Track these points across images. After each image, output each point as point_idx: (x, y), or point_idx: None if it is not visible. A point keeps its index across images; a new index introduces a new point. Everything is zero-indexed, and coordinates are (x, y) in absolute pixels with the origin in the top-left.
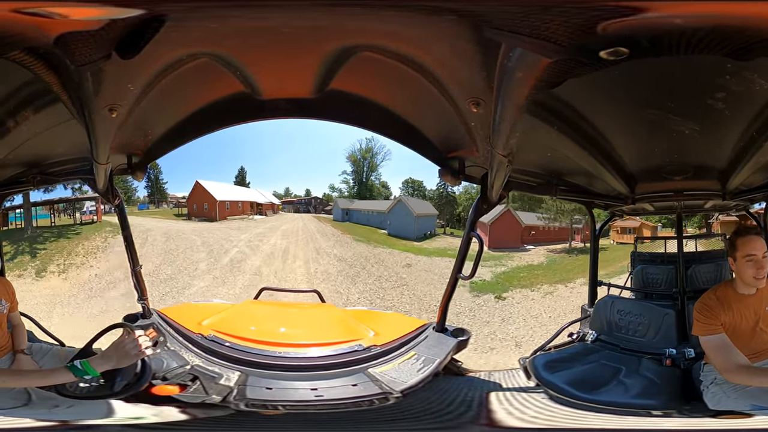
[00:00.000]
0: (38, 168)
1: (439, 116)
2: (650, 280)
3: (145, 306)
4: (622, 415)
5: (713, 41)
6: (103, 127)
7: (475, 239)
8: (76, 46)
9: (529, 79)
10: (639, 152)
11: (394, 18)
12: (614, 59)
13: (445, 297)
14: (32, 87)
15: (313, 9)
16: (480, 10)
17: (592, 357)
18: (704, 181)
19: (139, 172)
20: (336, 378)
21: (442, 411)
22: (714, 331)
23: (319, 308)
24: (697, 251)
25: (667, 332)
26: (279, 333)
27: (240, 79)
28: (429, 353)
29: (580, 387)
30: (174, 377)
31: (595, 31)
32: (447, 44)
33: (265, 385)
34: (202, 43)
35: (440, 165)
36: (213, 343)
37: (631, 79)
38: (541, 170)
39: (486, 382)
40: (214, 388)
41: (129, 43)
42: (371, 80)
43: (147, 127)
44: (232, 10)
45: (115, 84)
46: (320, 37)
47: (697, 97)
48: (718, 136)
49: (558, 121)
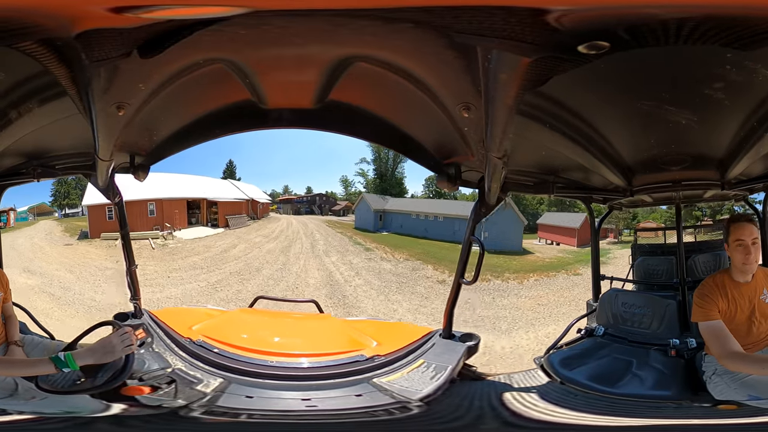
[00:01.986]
0: (39, 160)
1: (433, 123)
2: (651, 271)
3: (136, 306)
4: (641, 407)
5: (709, 31)
6: (108, 124)
7: (476, 243)
8: (97, 42)
9: (513, 80)
10: (635, 144)
11: (379, 29)
12: (596, 53)
13: (449, 303)
14: (39, 79)
15: (312, 19)
16: (438, 21)
17: (603, 351)
18: (703, 171)
19: (141, 172)
20: (335, 389)
21: (465, 416)
22: (711, 317)
23: (317, 318)
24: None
25: (670, 322)
26: (272, 342)
27: (248, 87)
28: (439, 360)
29: (601, 382)
30: (150, 378)
31: (553, 26)
32: (430, 52)
33: (246, 393)
34: (222, 49)
35: (437, 172)
36: (200, 348)
37: (621, 72)
38: (537, 169)
39: (506, 384)
40: (186, 393)
41: (154, 43)
42: (367, 91)
43: (153, 127)
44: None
45: (127, 82)
46: (319, 49)
47: (694, 87)
48: (717, 125)
49: (550, 119)
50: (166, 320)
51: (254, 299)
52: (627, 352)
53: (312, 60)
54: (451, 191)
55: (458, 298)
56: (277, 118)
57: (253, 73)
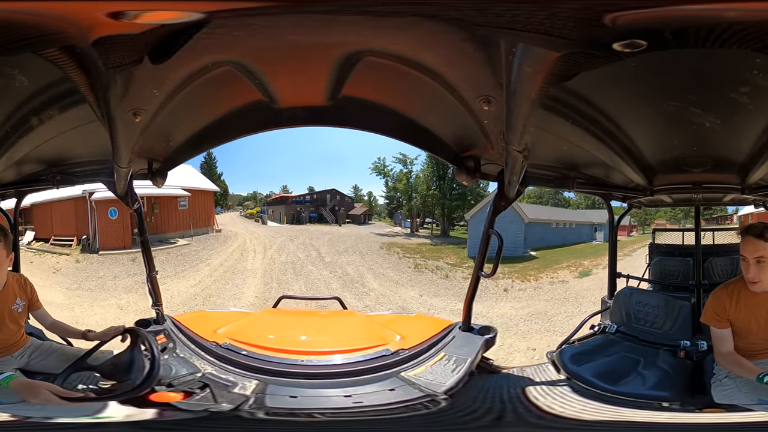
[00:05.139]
0: (59, 167)
1: (451, 116)
2: (668, 271)
3: (158, 312)
4: (638, 407)
5: (750, 35)
6: (126, 130)
7: (495, 236)
8: (112, 49)
9: (539, 74)
10: (658, 144)
11: (392, 24)
12: (630, 51)
13: (468, 296)
14: (60, 86)
15: (318, 16)
16: (460, 15)
17: (613, 349)
18: (723, 175)
19: (159, 178)
20: (369, 384)
21: (488, 409)
22: (720, 326)
23: (341, 315)
24: (714, 244)
25: (683, 324)
26: (300, 341)
27: (259, 87)
28: (459, 353)
29: (605, 379)
30: (181, 384)
31: (602, 23)
32: (448, 45)
33: (289, 393)
34: (227, 51)
35: (456, 164)
36: (228, 351)
37: (650, 71)
38: (557, 164)
39: (521, 377)
40: (226, 396)
41: (163, 49)
42: (380, 85)
43: (168, 132)
44: (254, 18)
45: (142, 88)
46: (327, 45)
47: (720, 90)
48: (740, 130)
49: (573, 114)
50: (190, 325)
51: (278, 299)
52: (636, 350)
53: (318, 56)
54: (470, 184)
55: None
56: (291, 117)
57: (261, 74)
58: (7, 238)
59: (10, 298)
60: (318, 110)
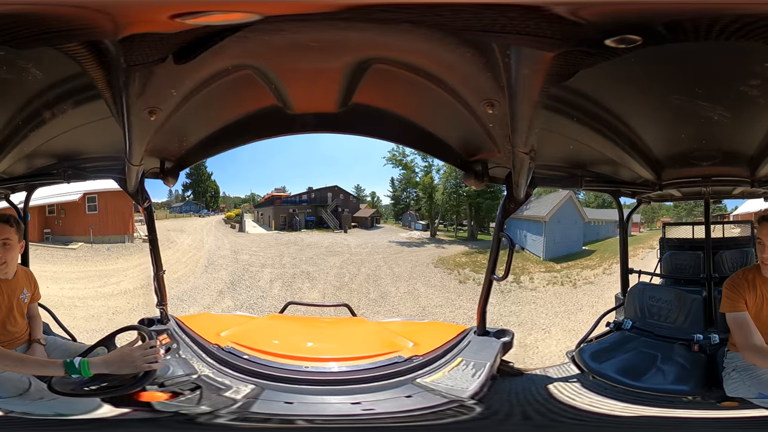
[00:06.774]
0: (70, 162)
1: (456, 121)
2: (679, 265)
3: (163, 311)
4: (660, 402)
5: (757, 28)
6: (140, 128)
7: (505, 239)
8: (138, 46)
9: (537, 74)
10: (665, 138)
11: (394, 31)
12: (627, 47)
13: (482, 299)
14: (75, 81)
15: (330, 25)
16: (439, 20)
17: (630, 345)
18: (733, 168)
19: (170, 177)
20: (380, 391)
21: (521, 412)
22: (738, 308)
23: (351, 322)
24: (724, 237)
25: (696, 318)
26: (305, 347)
27: (274, 93)
28: (477, 357)
29: (628, 375)
30: (173, 385)
31: (584, 20)
32: (448, 50)
33: (284, 399)
34: (252, 55)
35: (464, 169)
36: (229, 354)
37: (655, 65)
38: (565, 163)
39: (545, 377)
40: (212, 399)
41: (189, 49)
42: (389, 93)
43: (183, 133)
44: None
45: (160, 87)
46: (338, 52)
47: (729, 83)
48: (750, 122)
49: (578, 113)
50: (194, 327)
51: (285, 305)
52: (652, 346)
53: (330, 64)
54: (479, 188)
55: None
56: (303, 123)
57: (277, 79)
58: (19, 227)
59: (20, 287)
60: (329, 117)
